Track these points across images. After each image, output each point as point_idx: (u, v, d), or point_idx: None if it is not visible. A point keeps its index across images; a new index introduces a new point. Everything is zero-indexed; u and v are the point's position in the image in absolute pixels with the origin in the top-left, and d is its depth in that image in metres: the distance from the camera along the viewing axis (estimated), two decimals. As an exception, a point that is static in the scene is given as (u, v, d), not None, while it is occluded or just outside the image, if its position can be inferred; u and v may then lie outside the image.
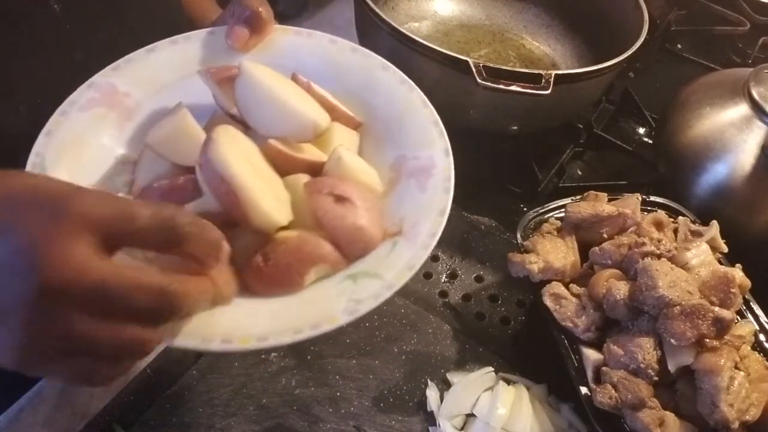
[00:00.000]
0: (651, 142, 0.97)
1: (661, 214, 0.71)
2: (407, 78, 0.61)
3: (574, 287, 0.65)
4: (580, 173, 0.95)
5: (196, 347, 0.43)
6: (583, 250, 0.68)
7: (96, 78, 0.56)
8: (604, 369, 0.59)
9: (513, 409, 0.62)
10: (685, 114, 0.81)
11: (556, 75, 0.73)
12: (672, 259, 0.63)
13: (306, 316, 0.45)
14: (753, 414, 0.56)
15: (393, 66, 0.61)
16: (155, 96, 0.58)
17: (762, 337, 0.64)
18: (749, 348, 0.61)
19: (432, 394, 0.65)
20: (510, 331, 0.74)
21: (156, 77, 0.59)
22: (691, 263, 0.63)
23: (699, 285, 0.61)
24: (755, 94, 0.76)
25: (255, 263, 0.48)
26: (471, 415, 0.64)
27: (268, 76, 0.55)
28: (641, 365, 0.57)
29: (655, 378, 0.58)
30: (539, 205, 0.73)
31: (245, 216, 0.46)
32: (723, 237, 0.68)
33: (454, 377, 0.67)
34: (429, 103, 0.59)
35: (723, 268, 0.64)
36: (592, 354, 0.61)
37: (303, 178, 0.52)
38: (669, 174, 0.83)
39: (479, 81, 0.72)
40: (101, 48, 0.63)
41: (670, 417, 0.57)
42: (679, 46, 1.19)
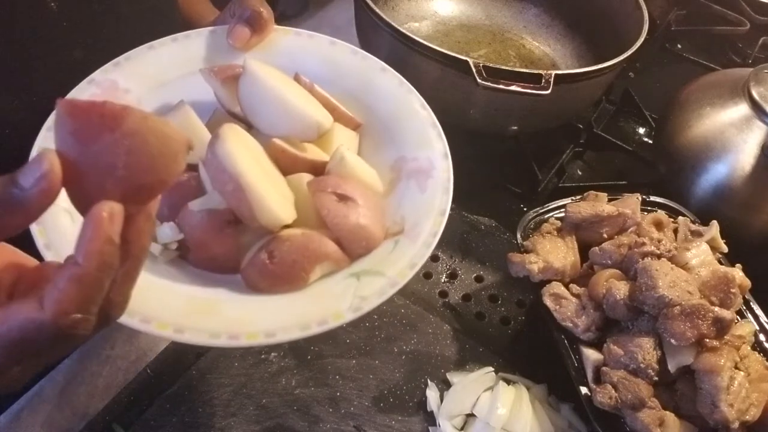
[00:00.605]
0: (651, 142, 0.97)
1: (661, 214, 0.71)
2: (405, 80, 0.61)
3: (574, 287, 0.65)
4: (580, 173, 0.94)
5: (203, 343, 0.43)
6: (583, 250, 0.68)
7: (97, 74, 0.56)
8: (604, 369, 0.59)
9: (513, 409, 0.62)
10: (685, 114, 0.81)
11: (556, 75, 0.73)
12: (672, 259, 0.63)
13: (312, 312, 0.46)
14: (753, 414, 0.57)
15: (391, 69, 0.61)
16: (156, 93, 0.58)
17: (762, 337, 0.64)
18: (749, 348, 0.61)
19: (432, 394, 0.65)
20: (510, 331, 0.73)
21: (157, 74, 0.59)
22: (691, 263, 0.64)
23: (699, 285, 0.61)
24: (755, 94, 0.76)
25: (260, 260, 0.48)
26: (471, 415, 0.64)
27: (272, 75, 0.55)
28: (641, 365, 0.57)
29: (655, 378, 0.58)
30: (539, 205, 0.73)
31: (251, 213, 0.46)
32: (723, 237, 0.68)
33: (454, 377, 0.67)
34: (427, 106, 0.59)
35: (723, 268, 0.64)
36: (592, 354, 0.61)
37: (306, 177, 0.53)
38: (669, 174, 0.83)
39: (479, 81, 0.72)
40: (99, 47, 0.63)
41: (670, 417, 0.57)
42: (679, 46, 1.19)
